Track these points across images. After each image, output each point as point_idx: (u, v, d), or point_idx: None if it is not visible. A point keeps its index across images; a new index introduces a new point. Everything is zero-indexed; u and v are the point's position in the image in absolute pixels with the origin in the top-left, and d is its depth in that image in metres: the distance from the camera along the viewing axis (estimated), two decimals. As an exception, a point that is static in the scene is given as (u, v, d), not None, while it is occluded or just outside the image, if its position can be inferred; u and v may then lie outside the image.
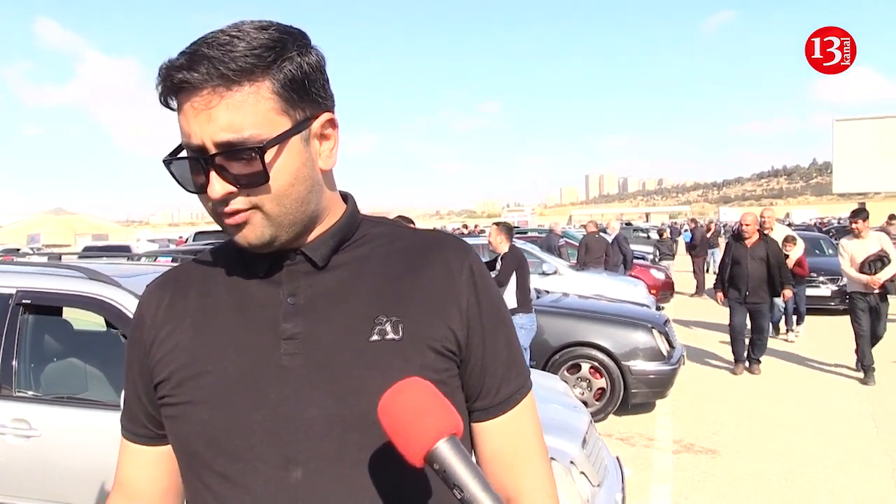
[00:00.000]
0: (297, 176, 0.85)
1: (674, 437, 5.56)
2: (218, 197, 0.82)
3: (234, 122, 0.79)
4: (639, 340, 6.06)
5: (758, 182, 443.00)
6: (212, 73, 0.78)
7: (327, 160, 0.90)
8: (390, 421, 0.73)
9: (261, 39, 0.80)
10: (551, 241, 13.73)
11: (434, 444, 0.70)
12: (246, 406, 0.85)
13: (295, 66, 0.83)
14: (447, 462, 0.70)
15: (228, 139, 0.79)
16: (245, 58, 0.79)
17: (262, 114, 0.80)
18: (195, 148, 0.82)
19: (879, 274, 6.96)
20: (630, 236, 21.75)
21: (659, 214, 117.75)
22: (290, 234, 0.87)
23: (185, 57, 0.80)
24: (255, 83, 0.80)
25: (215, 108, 0.79)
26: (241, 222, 0.84)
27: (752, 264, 7.37)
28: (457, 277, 0.92)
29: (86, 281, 2.84)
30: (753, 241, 7.47)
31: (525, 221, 48.38)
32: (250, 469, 0.84)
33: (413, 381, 0.75)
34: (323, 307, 0.89)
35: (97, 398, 2.95)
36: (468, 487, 0.69)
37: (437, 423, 0.71)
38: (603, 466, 3.10)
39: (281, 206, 0.84)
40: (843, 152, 20.98)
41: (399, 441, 0.72)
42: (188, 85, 0.79)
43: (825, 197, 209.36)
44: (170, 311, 0.94)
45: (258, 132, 0.80)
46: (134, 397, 0.97)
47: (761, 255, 7.37)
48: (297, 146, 0.84)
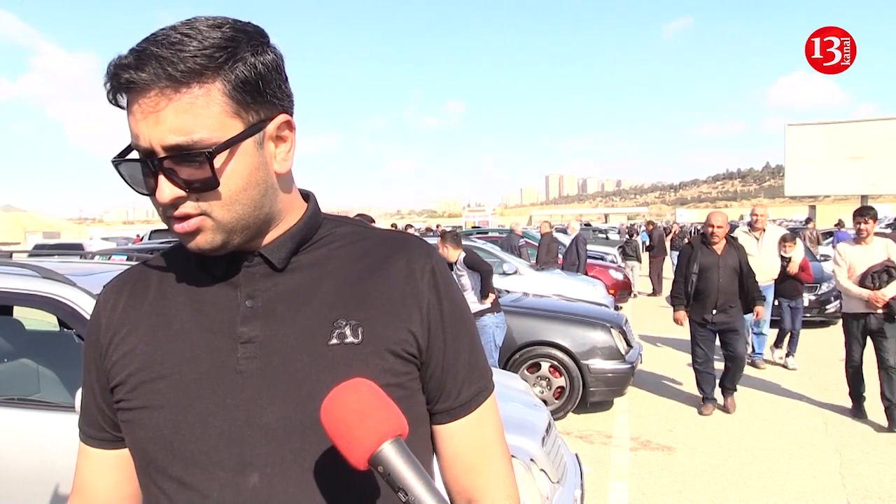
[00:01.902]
0: (250, 181, 0.82)
1: (631, 434, 5.65)
2: (167, 201, 0.79)
3: (182, 125, 0.76)
4: (597, 340, 6.14)
5: (713, 184, 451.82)
6: (159, 74, 0.75)
7: (283, 163, 0.87)
8: (332, 424, 0.71)
9: (213, 38, 0.77)
10: (512, 241, 13.81)
11: (378, 446, 0.69)
12: (203, 410, 0.84)
13: (248, 67, 0.79)
14: (391, 465, 0.69)
15: (177, 142, 0.77)
16: (195, 58, 0.76)
17: (212, 117, 0.77)
18: (144, 150, 0.79)
19: (885, 289, 5.49)
20: (589, 237, 22.02)
21: (617, 215, 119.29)
22: (242, 238, 0.85)
23: (133, 56, 0.77)
24: (205, 85, 0.77)
25: (163, 111, 0.76)
26: (191, 230, 0.82)
27: (724, 275, 5.99)
28: (418, 280, 0.91)
29: (39, 279, 2.77)
30: (723, 246, 6.11)
31: (486, 221, 48.61)
32: (206, 474, 0.83)
33: (356, 382, 0.74)
34: (281, 310, 0.87)
35: (50, 400, 2.88)
36: (413, 490, 0.68)
37: (380, 426, 0.70)
38: (562, 464, 3.14)
39: (232, 212, 0.82)
40: (795, 156, 21.52)
41: (342, 444, 0.70)
42: (135, 85, 0.76)
43: (778, 199, 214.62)
44: (126, 313, 0.92)
45: (208, 136, 0.77)
46: (92, 400, 0.95)
47: (733, 263, 6.03)
48: (249, 150, 0.81)
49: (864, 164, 19.79)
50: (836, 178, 20.20)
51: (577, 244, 12.49)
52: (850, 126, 20.87)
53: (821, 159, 20.13)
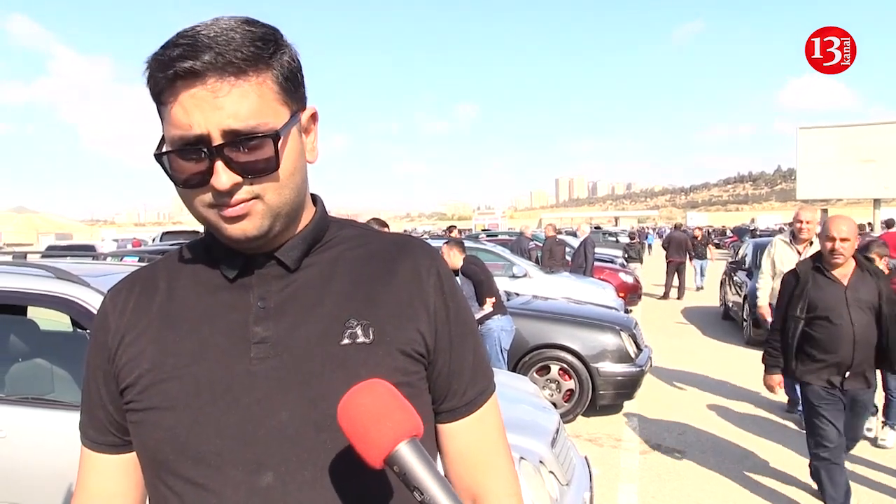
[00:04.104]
0: (296, 165, 0.85)
1: (641, 437, 5.64)
2: (226, 188, 0.79)
3: (241, 110, 0.78)
4: (607, 343, 6.13)
5: (724, 187, 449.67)
6: (219, 61, 0.77)
7: (312, 153, 0.91)
8: (349, 424, 0.72)
9: (255, 32, 0.81)
10: (521, 243, 13.80)
11: (394, 446, 0.70)
12: (216, 411, 0.84)
13: (290, 59, 0.84)
14: (407, 465, 0.70)
15: (238, 127, 0.78)
16: (249, 47, 0.78)
17: (267, 103, 0.80)
18: (194, 139, 0.78)
19: None
20: (599, 240, 21.95)
21: (628, 218, 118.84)
22: (282, 225, 0.87)
23: (184, 47, 0.77)
24: (261, 73, 0.80)
25: (223, 97, 0.77)
26: (241, 214, 0.82)
27: (858, 317, 3.70)
28: (425, 281, 0.93)
29: (53, 280, 2.80)
30: (850, 271, 3.80)
31: (496, 224, 48.69)
32: (219, 474, 0.83)
33: (372, 382, 0.75)
34: (293, 311, 0.88)
35: (64, 399, 2.90)
36: (429, 490, 0.69)
37: (397, 426, 0.71)
38: (571, 466, 3.14)
39: (281, 196, 0.84)
40: (807, 159, 21.33)
41: (359, 444, 0.72)
42: (191, 74, 0.77)
43: (789, 203, 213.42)
44: (135, 315, 0.92)
45: (265, 121, 0.80)
46: (99, 404, 0.95)
47: (870, 298, 3.74)
48: (295, 136, 0.85)
49: (876, 167, 19.60)
50: (848, 181, 20.00)
51: (586, 247, 12.43)
52: (862, 129, 20.65)
53: (832, 162, 19.95)
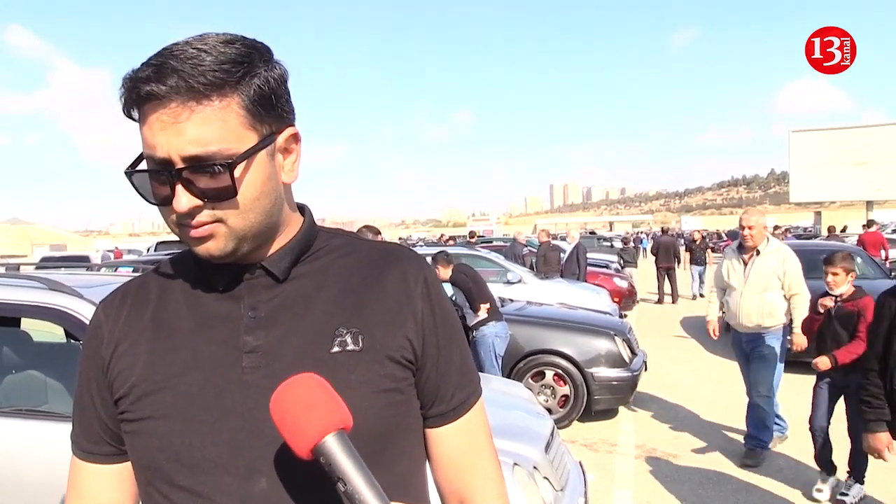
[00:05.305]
0: (263, 190, 0.85)
1: (636, 442, 5.65)
2: (184, 210, 0.81)
3: (202, 136, 0.79)
4: (602, 348, 6.14)
5: (718, 191, 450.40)
6: (181, 87, 0.77)
7: (290, 174, 0.91)
8: (279, 414, 0.75)
9: (228, 54, 0.80)
10: (515, 249, 13.83)
11: (321, 438, 0.72)
12: (210, 419, 0.85)
13: (262, 81, 0.83)
14: (332, 456, 0.72)
15: (196, 153, 0.79)
16: (214, 72, 0.78)
17: (230, 129, 0.80)
18: (160, 160, 0.81)
19: None
20: (594, 245, 21.94)
21: (622, 223, 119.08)
22: (251, 245, 0.88)
23: (153, 68, 0.79)
24: (225, 98, 0.80)
25: (183, 123, 0.78)
26: (204, 235, 0.84)
27: None
28: (413, 289, 0.94)
29: (46, 291, 2.80)
30: None
31: (490, 230, 48.76)
32: (214, 480, 0.85)
33: (305, 376, 0.77)
34: (284, 320, 0.90)
35: (57, 410, 2.90)
36: (351, 481, 0.71)
37: (325, 418, 0.73)
38: (566, 471, 3.15)
39: (245, 220, 0.85)
40: (799, 162, 21.43)
41: (287, 434, 0.74)
42: (155, 97, 0.78)
43: (783, 206, 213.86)
44: (128, 325, 0.94)
45: (226, 147, 0.80)
46: (93, 414, 0.96)
47: None
48: (263, 161, 0.85)
49: (869, 170, 19.69)
50: (841, 183, 20.07)
51: (578, 253, 12.40)
52: (854, 132, 20.72)
53: (825, 165, 20.02)
